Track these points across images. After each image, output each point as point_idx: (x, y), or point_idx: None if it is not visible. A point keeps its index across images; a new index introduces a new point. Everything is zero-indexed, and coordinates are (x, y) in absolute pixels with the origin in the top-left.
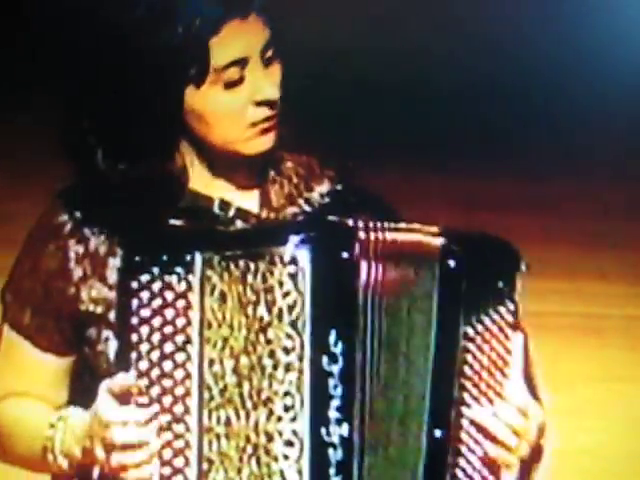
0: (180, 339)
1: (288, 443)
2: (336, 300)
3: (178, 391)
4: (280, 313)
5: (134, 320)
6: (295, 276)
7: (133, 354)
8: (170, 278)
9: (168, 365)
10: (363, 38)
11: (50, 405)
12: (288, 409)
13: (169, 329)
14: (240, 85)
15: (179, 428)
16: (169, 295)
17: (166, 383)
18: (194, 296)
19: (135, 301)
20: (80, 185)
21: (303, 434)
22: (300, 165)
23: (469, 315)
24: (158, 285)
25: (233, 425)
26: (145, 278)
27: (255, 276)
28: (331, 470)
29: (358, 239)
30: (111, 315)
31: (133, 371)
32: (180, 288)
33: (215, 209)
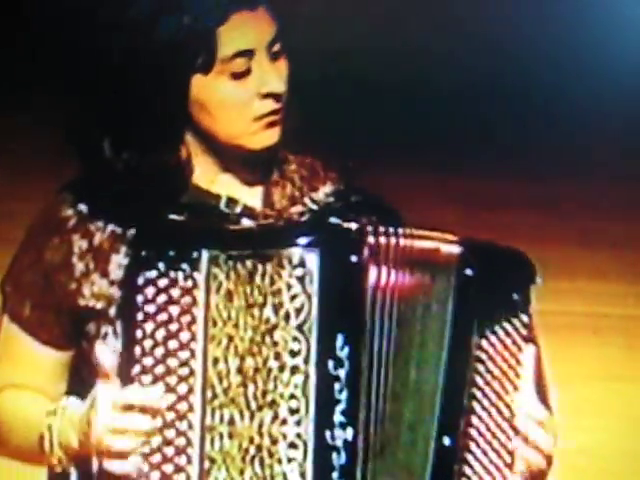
0: (185, 336)
1: (292, 446)
2: (344, 304)
3: (181, 388)
4: (287, 316)
5: (139, 316)
6: (303, 279)
7: (137, 350)
8: (176, 274)
9: (172, 362)
10: (363, 38)
11: (48, 398)
12: (293, 412)
13: (174, 326)
14: (246, 77)
15: (182, 425)
16: (175, 291)
17: (170, 380)
18: (200, 293)
19: (140, 297)
20: (85, 179)
21: (307, 437)
22: (303, 167)
23: (483, 325)
24: (164, 281)
25: (237, 425)
26: (151, 274)
27: (263, 277)
28: (334, 474)
29: (367, 243)
30: (111, 311)
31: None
32: (186, 285)
33: (222, 206)
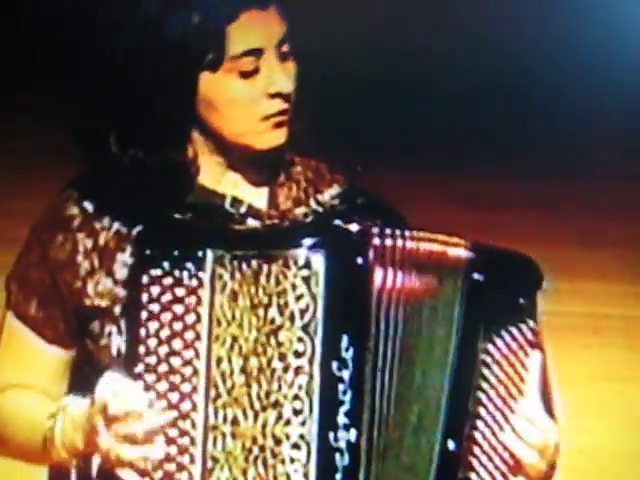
0: (189, 335)
1: (295, 446)
2: (349, 305)
3: (185, 388)
4: (292, 316)
5: (143, 315)
6: (308, 280)
7: (141, 349)
8: (181, 274)
9: (176, 361)
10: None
11: (50, 398)
12: (297, 413)
13: (178, 325)
14: (255, 76)
15: (185, 425)
16: (179, 291)
17: (173, 379)
18: (204, 293)
19: (145, 295)
20: (90, 176)
21: (311, 438)
22: (309, 169)
23: (489, 329)
24: (168, 280)
25: (240, 425)
26: (155, 272)
27: (268, 278)
28: (337, 475)
29: (373, 245)
30: (116, 310)
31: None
32: (190, 284)
33: (227, 206)
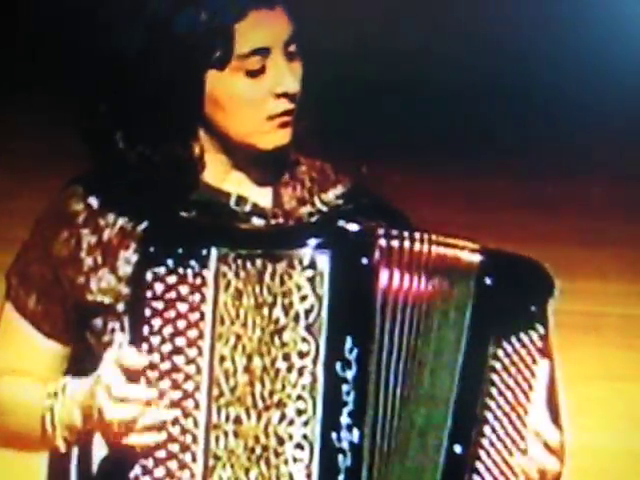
0: (192, 333)
1: (298, 446)
2: (353, 306)
3: (188, 386)
4: (296, 316)
5: (147, 312)
6: (313, 280)
7: (144, 346)
8: (184, 271)
9: (179, 359)
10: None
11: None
12: (300, 413)
13: (182, 323)
14: (261, 75)
15: (187, 423)
16: (183, 288)
17: (176, 377)
18: (208, 291)
19: (148, 293)
20: (95, 172)
21: (314, 438)
22: (313, 169)
23: (499, 335)
24: (172, 278)
25: (243, 424)
26: (159, 270)
27: (272, 277)
28: (340, 476)
29: (379, 246)
30: (119, 306)
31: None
32: (194, 282)
33: (231, 204)
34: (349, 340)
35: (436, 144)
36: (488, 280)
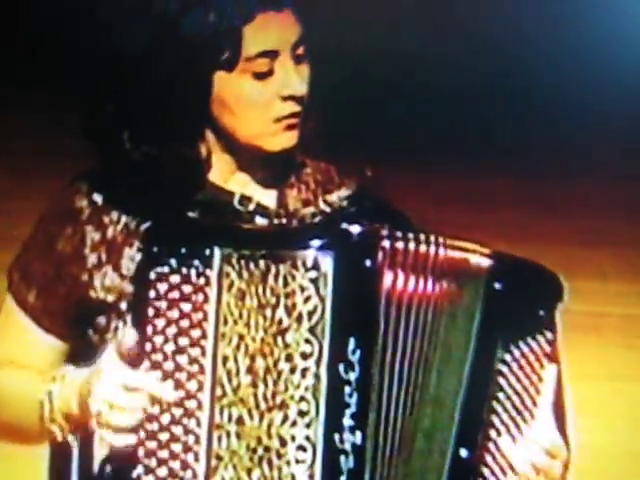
0: (195, 333)
1: (301, 448)
2: (357, 308)
3: (191, 385)
4: (300, 318)
5: (150, 311)
6: (317, 281)
7: (147, 346)
8: (188, 271)
9: (182, 359)
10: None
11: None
12: (303, 414)
13: (185, 322)
14: (269, 77)
15: (190, 423)
16: (186, 288)
17: (179, 376)
18: (211, 291)
19: (152, 292)
20: (100, 170)
21: (316, 440)
22: (319, 172)
23: (508, 339)
24: (175, 278)
25: (245, 425)
26: (163, 270)
27: (276, 278)
28: (342, 478)
29: (382, 248)
30: (122, 305)
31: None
32: (198, 282)
33: (235, 203)
34: (352, 342)
35: (436, 144)
36: (497, 284)
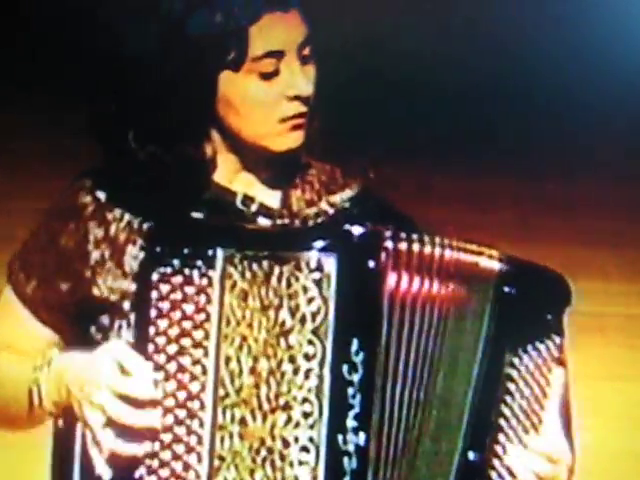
0: (198, 334)
1: (304, 449)
2: (360, 309)
3: (193, 386)
4: (303, 319)
5: (152, 312)
6: (320, 282)
7: (150, 347)
8: (191, 272)
9: (185, 359)
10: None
11: None
12: (306, 415)
13: (187, 323)
14: (275, 78)
15: (193, 423)
16: (189, 289)
17: (182, 377)
18: (214, 291)
19: (154, 293)
20: (105, 168)
21: (320, 441)
22: (323, 173)
23: (516, 343)
24: (178, 278)
25: (248, 426)
26: (165, 270)
27: (279, 280)
28: (346, 479)
29: (385, 248)
30: (125, 304)
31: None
32: (200, 282)
33: (238, 203)
34: (355, 343)
35: (439, 144)
36: (507, 288)
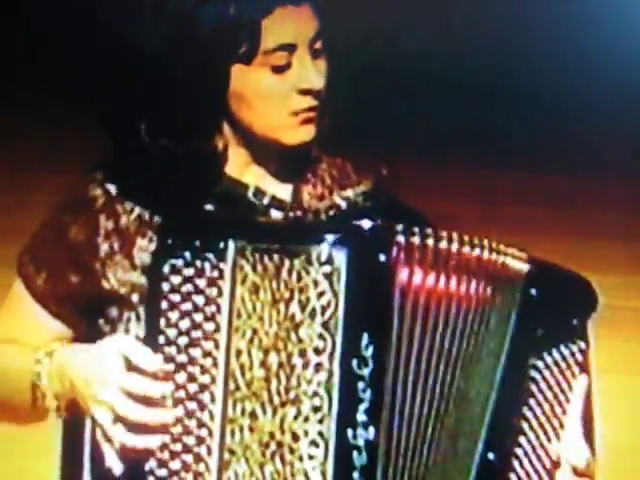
0: (209, 326)
1: (313, 443)
2: (370, 303)
3: (204, 379)
4: (313, 313)
5: (163, 304)
6: (331, 276)
7: (161, 338)
8: (202, 264)
9: (195, 352)
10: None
11: None
12: (316, 410)
13: (198, 316)
14: (287, 71)
15: (203, 416)
16: (200, 281)
17: (192, 370)
18: (225, 284)
19: (165, 285)
20: (116, 161)
21: (329, 436)
22: (335, 167)
23: (541, 347)
24: (189, 270)
25: (258, 419)
26: (176, 262)
27: (290, 273)
28: (355, 474)
29: (397, 243)
30: (134, 297)
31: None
32: (211, 275)
33: (250, 196)
34: (365, 337)
35: (445, 142)
36: (534, 290)
